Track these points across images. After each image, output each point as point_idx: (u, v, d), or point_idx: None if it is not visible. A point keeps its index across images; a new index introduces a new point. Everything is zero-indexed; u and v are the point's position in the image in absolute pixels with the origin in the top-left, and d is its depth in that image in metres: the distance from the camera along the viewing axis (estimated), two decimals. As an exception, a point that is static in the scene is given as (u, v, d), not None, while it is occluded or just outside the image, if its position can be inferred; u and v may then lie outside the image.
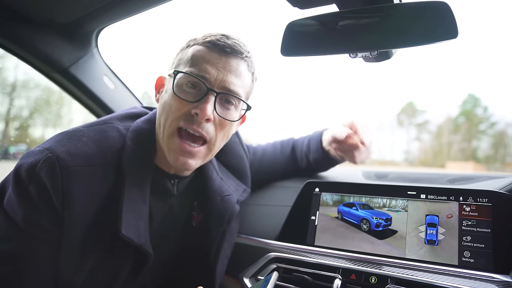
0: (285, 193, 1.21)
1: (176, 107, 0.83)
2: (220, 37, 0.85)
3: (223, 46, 0.84)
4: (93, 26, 1.18)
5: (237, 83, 0.85)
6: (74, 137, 0.81)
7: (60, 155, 0.75)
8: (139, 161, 0.86)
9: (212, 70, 0.82)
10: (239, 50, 0.85)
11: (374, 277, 0.86)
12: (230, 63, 0.84)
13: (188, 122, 0.82)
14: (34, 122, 2.61)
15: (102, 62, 1.40)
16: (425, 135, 23.30)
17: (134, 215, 0.81)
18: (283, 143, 1.32)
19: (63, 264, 0.77)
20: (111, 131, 0.87)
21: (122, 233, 0.78)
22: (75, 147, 0.78)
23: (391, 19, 0.70)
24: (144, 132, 0.90)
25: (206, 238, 1.00)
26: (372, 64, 0.80)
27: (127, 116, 0.95)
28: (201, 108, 0.80)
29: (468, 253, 0.81)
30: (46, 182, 0.72)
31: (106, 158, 0.82)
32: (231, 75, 0.84)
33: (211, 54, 0.84)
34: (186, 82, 0.83)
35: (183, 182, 0.97)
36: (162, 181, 0.92)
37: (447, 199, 0.88)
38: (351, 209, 0.99)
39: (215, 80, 0.82)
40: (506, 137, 20.51)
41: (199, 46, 0.86)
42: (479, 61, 53.05)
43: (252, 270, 1.04)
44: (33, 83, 2.36)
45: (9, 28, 1.09)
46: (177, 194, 0.96)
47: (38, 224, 0.74)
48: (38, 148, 0.77)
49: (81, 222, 0.76)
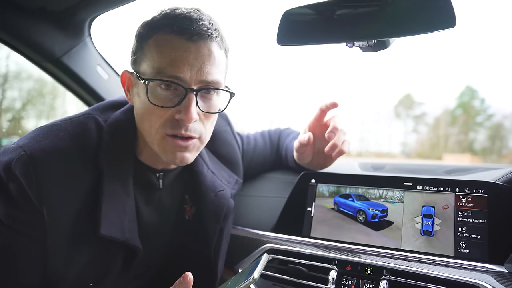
0: (280, 184, 1.21)
1: (158, 114, 0.78)
2: (182, 23, 0.76)
3: (189, 33, 0.75)
4: (86, 14, 1.17)
5: (213, 71, 0.79)
6: (51, 133, 0.79)
7: (34, 152, 0.74)
8: (118, 154, 0.84)
9: (184, 67, 0.75)
10: (206, 32, 0.77)
11: (369, 268, 0.87)
12: (201, 51, 0.77)
13: (174, 129, 0.78)
14: (27, 114, 2.59)
15: (96, 52, 1.38)
16: (423, 127, 23.37)
17: (117, 210, 0.81)
18: (271, 135, 1.31)
19: (52, 259, 0.77)
20: (90, 123, 0.84)
21: (102, 233, 0.77)
22: (50, 143, 0.77)
23: (388, 8, 0.70)
24: (122, 123, 0.87)
25: (203, 234, 1.00)
26: (369, 53, 0.80)
27: (110, 106, 0.93)
28: (185, 113, 0.75)
29: (463, 244, 0.82)
30: (21, 180, 0.72)
31: (83, 153, 0.80)
32: (206, 65, 0.77)
33: (178, 47, 0.75)
34: (159, 84, 0.77)
35: (169, 176, 0.96)
36: (145, 175, 0.91)
37: (444, 190, 0.88)
38: (347, 200, 0.99)
39: (191, 77, 0.76)
40: (502, 129, 20.63)
41: (160, 37, 0.77)
42: (477, 53, 53.16)
43: (248, 262, 1.04)
44: (25, 74, 2.34)
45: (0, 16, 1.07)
46: (163, 188, 0.95)
47: (21, 220, 0.74)
48: (13, 146, 0.76)
49: (62, 219, 0.76)
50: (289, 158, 1.18)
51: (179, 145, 0.80)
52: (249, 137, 1.27)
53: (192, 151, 0.83)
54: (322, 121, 1.05)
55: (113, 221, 0.79)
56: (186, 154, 0.82)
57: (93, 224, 0.77)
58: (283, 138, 1.27)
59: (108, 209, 0.79)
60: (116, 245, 0.82)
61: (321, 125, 1.05)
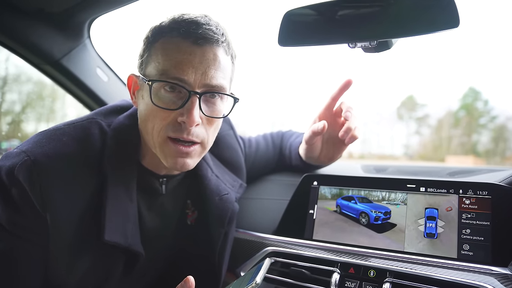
0: (282, 186, 1.21)
1: (161, 117, 0.78)
2: (188, 26, 0.76)
3: (195, 37, 0.76)
4: (85, 16, 1.17)
5: (218, 76, 0.79)
6: (54, 137, 0.79)
7: (37, 157, 0.74)
8: (122, 159, 0.84)
9: (189, 70, 0.75)
10: (213, 37, 0.77)
11: (372, 271, 0.87)
12: (206, 55, 0.77)
13: (177, 132, 0.78)
14: (26, 117, 2.60)
15: (95, 54, 1.38)
16: (425, 129, 23.38)
17: (120, 216, 0.81)
18: (273, 137, 1.32)
19: (55, 265, 0.77)
20: (93, 128, 0.85)
21: (106, 239, 0.77)
22: (54, 148, 0.77)
23: (391, 8, 0.70)
24: (126, 128, 0.87)
25: (207, 238, 0.99)
26: (371, 54, 0.80)
27: (113, 111, 0.93)
28: (188, 116, 0.75)
29: (467, 246, 0.82)
30: (25, 186, 0.72)
31: (87, 158, 0.80)
32: (211, 69, 0.78)
33: (184, 50, 0.76)
34: (163, 86, 0.77)
35: (173, 181, 0.96)
36: (149, 180, 0.91)
37: (447, 192, 0.88)
38: (349, 203, 0.99)
39: (195, 80, 0.76)
40: (506, 131, 20.62)
41: (167, 40, 0.78)
42: (480, 54, 53.13)
43: (250, 265, 1.04)
44: (25, 77, 2.34)
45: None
46: (166, 193, 0.95)
47: (23, 226, 0.74)
48: (15, 150, 0.75)
49: (65, 225, 0.76)
50: (293, 156, 1.19)
51: (180, 150, 0.79)
52: (251, 140, 1.28)
53: (194, 157, 0.83)
54: (332, 110, 1.08)
55: (117, 227, 0.79)
56: (187, 160, 0.81)
57: (97, 229, 0.77)
58: (286, 138, 1.28)
59: (111, 215, 0.79)
60: (118, 251, 0.82)
61: (331, 114, 1.08)
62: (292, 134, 1.28)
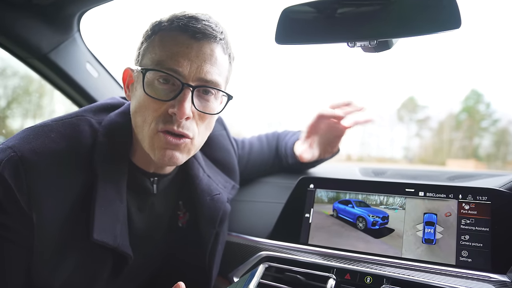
0: (277, 189, 1.21)
1: (152, 108, 0.78)
2: (188, 21, 0.78)
3: (193, 31, 0.77)
4: (75, 8, 1.16)
5: (213, 71, 0.80)
6: (41, 133, 0.78)
7: (24, 153, 0.73)
8: (113, 158, 0.84)
9: (184, 62, 0.77)
10: (211, 33, 0.79)
11: (369, 277, 0.87)
12: (203, 50, 0.79)
13: (167, 124, 0.78)
14: (12, 113, 2.57)
15: (85, 48, 1.37)
16: (426, 132, 23.49)
17: (110, 216, 0.81)
18: (268, 138, 1.33)
19: (39, 266, 0.76)
20: (83, 125, 0.84)
21: (94, 238, 0.77)
22: (41, 144, 0.76)
23: (391, 7, 0.70)
24: (118, 126, 0.88)
25: (198, 239, 0.99)
26: (371, 54, 0.80)
27: (102, 108, 0.92)
28: (179, 108, 0.76)
29: (466, 253, 0.83)
30: (10, 183, 0.71)
31: (76, 155, 0.80)
32: (206, 64, 0.79)
33: (181, 43, 0.78)
34: (157, 78, 0.78)
35: (164, 181, 0.96)
36: (139, 179, 0.91)
37: (446, 197, 0.89)
38: (346, 207, 0.99)
39: (189, 73, 0.77)
40: (508, 135, 20.79)
41: (165, 33, 0.80)
42: (483, 56, 53.63)
43: (243, 270, 1.04)
44: (11, 71, 2.32)
45: (-17, 10, 1.06)
46: (157, 193, 0.95)
47: (7, 226, 0.73)
48: (1, 146, 0.75)
49: (52, 224, 0.75)
50: (289, 154, 1.21)
51: (169, 141, 0.79)
52: (244, 142, 1.28)
53: (183, 151, 0.82)
54: (324, 118, 1.15)
55: (106, 226, 0.79)
56: (176, 153, 0.81)
57: (85, 229, 0.77)
58: (282, 138, 1.30)
59: (101, 214, 0.79)
60: (106, 252, 0.82)
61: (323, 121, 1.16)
62: (287, 133, 1.30)
